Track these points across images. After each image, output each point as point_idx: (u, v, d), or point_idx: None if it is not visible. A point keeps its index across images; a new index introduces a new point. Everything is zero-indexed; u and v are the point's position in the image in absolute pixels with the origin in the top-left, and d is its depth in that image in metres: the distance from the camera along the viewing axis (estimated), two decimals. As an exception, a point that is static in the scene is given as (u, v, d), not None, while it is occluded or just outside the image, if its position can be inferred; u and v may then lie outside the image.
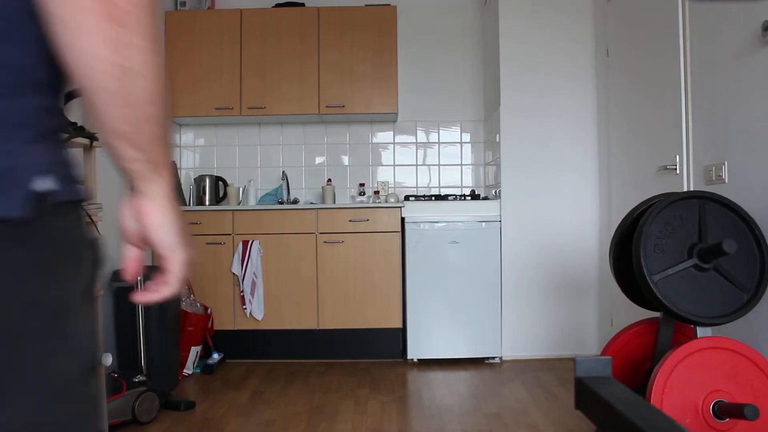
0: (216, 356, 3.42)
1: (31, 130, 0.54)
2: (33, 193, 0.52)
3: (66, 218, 0.58)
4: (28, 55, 0.55)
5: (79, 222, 0.61)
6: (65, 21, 0.52)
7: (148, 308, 2.86)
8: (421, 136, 4.23)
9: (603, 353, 2.24)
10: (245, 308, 3.52)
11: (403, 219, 3.51)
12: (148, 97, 0.61)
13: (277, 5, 3.99)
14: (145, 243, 0.67)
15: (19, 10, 0.54)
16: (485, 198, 3.74)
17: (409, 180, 4.23)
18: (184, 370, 3.26)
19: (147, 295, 0.69)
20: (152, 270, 3.02)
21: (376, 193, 4.08)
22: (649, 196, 2.19)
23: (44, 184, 0.53)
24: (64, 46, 0.53)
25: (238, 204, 3.89)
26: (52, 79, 0.58)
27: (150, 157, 0.61)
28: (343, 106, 3.86)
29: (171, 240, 0.65)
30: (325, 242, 3.56)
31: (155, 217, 0.64)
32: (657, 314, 2.11)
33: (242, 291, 3.52)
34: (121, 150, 0.60)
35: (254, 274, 3.51)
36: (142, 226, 0.65)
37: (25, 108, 0.53)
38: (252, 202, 3.93)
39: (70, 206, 0.59)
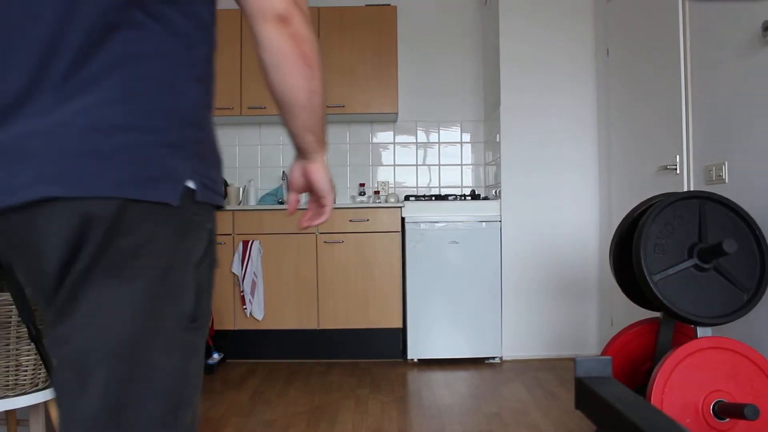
0: (216, 356, 3.42)
1: (187, 150, 0.81)
2: (185, 188, 0.79)
3: (200, 211, 0.84)
4: (208, 94, 0.87)
5: (209, 217, 0.87)
6: (277, 66, 0.86)
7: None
8: (421, 136, 4.23)
9: (603, 353, 2.24)
10: (245, 308, 3.52)
11: (403, 219, 3.51)
12: (322, 105, 0.95)
13: (277, 5, 3.99)
14: (307, 190, 1.07)
15: (208, 56, 0.85)
16: (485, 198, 3.74)
17: (409, 180, 4.23)
18: (185, 370, 3.26)
19: (311, 221, 1.10)
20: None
21: (377, 193, 4.08)
22: (649, 196, 2.19)
23: (190, 184, 0.80)
24: (275, 81, 0.88)
25: (239, 204, 3.89)
26: (206, 118, 0.86)
27: (319, 138, 1.01)
28: (344, 106, 3.86)
29: (327, 187, 1.05)
30: (325, 242, 3.56)
31: (319, 174, 1.04)
32: (657, 314, 2.11)
33: (242, 291, 3.52)
34: (306, 137, 0.98)
35: (254, 274, 3.51)
36: (309, 180, 1.05)
37: (187, 137, 0.81)
38: (252, 202, 3.93)
39: (205, 205, 0.85)
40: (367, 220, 3.56)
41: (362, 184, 4.15)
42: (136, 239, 0.76)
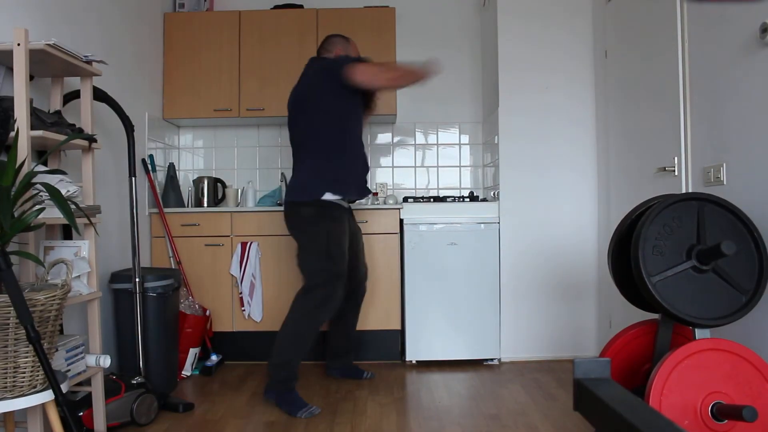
0: (214, 358, 3.42)
1: (320, 171, 2.76)
2: (319, 195, 2.72)
3: (329, 207, 2.76)
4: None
5: (339, 211, 2.81)
6: (371, 83, 2.74)
7: (147, 310, 2.86)
8: (420, 138, 4.23)
9: (602, 355, 2.24)
10: (244, 310, 3.52)
11: (401, 220, 3.51)
12: (396, 82, 2.83)
13: (276, 7, 3.99)
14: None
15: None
16: (484, 199, 3.74)
17: (407, 181, 4.23)
18: (183, 372, 3.25)
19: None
20: (150, 271, 3.02)
21: (375, 194, 4.08)
22: (647, 198, 2.20)
23: (322, 194, 2.72)
24: (366, 83, 2.71)
25: (237, 205, 3.89)
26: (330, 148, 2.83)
27: (406, 82, 2.82)
28: (342, 108, 3.85)
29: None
30: (323, 244, 3.56)
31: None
32: (656, 316, 2.12)
33: (241, 292, 3.52)
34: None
35: (253, 275, 3.51)
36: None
37: (321, 165, 2.77)
38: (250, 204, 3.93)
39: (331, 203, 2.73)
40: (366, 221, 3.55)
41: (361, 186, 4.15)
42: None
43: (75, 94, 2.49)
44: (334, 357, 3.25)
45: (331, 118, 2.80)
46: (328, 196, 2.76)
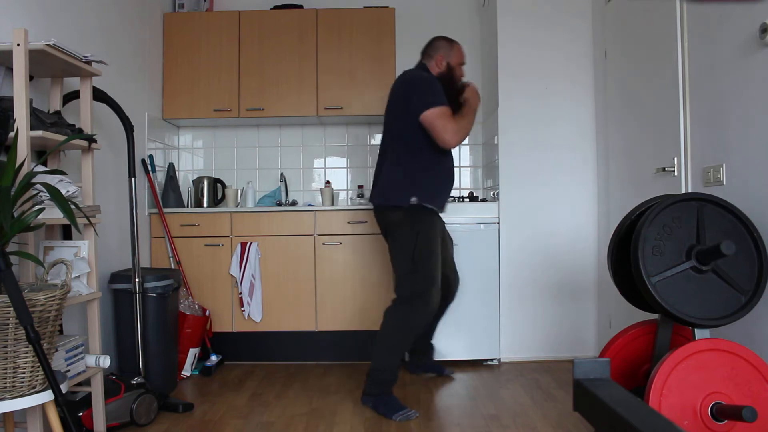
0: (214, 358, 3.42)
1: (411, 183, 2.76)
2: (408, 200, 2.72)
3: (419, 212, 2.74)
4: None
5: (428, 216, 2.78)
6: (443, 140, 2.70)
7: (147, 311, 2.86)
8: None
9: (601, 355, 2.24)
10: (243, 310, 3.52)
11: (401, 221, 3.51)
12: (464, 134, 2.75)
13: (276, 7, 3.99)
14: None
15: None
16: (484, 200, 3.74)
17: (407, 182, 4.22)
18: (183, 372, 3.25)
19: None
20: (149, 272, 3.02)
21: (375, 194, 4.08)
22: (647, 198, 2.20)
23: (411, 199, 2.72)
24: (439, 141, 2.71)
25: (237, 206, 3.88)
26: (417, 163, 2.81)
27: (470, 129, 2.82)
28: (342, 108, 3.86)
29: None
30: (323, 244, 3.56)
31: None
32: (655, 316, 2.12)
33: (240, 293, 3.52)
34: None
35: (252, 276, 3.51)
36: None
37: (413, 171, 2.79)
38: (250, 204, 3.93)
39: (421, 207, 2.73)
40: (366, 222, 3.56)
41: (360, 186, 4.15)
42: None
43: (75, 95, 2.49)
44: (420, 355, 3.30)
45: (421, 135, 2.75)
46: (420, 201, 2.73)
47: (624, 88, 3.17)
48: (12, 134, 1.90)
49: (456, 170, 4.19)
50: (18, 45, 1.90)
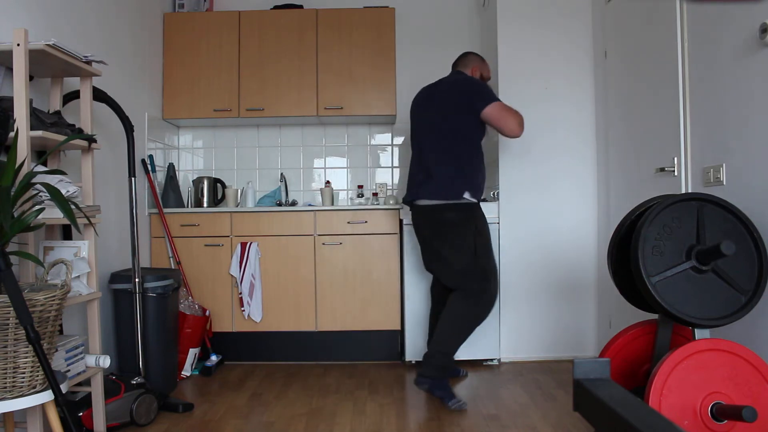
0: (214, 358, 3.42)
1: (462, 178, 2.85)
2: (461, 195, 2.81)
3: (472, 207, 2.87)
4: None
5: (480, 210, 2.92)
6: (511, 129, 2.86)
7: (147, 310, 2.86)
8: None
9: (601, 355, 2.24)
10: (243, 310, 3.52)
11: (401, 221, 3.51)
12: (521, 125, 2.87)
13: (276, 7, 3.99)
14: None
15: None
16: (484, 200, 3.73)
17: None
18: (183, 372, 3.25)
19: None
20: (149, 272, 3.02)
21: (375, 195, 4.08)
22: (647, 198, 2.20)
23: (464, 194, 2.81)
24: (502, 130, 2.88)
25: (237, 206, 3.88)
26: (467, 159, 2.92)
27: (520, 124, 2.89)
28: (342, 108, 3.86)
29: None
30: (323, 244, 3.56)
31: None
32: (655, 316, 2.12)
33: (240, 293, 3.52)
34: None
35: (252, 276, 3.51)
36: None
37: (465, 168, 2.87)
38: (250, 204, 3.93)
39: (472, 203, 2.85)
40: (366, 222, 3.56)
41: (360, 186, 4.15)
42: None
43: (75, 95, 2.49)
44: None
45: (469, 131, 2.89)
46: (469, 197, 2.84)
47: (624, 88, 3.17)
48: (12, 134, 1.90)
49: (456, 170, 4.22)
50: (18, 45, 1.90)
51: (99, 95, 2.65)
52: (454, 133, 2.88)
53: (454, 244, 2.85)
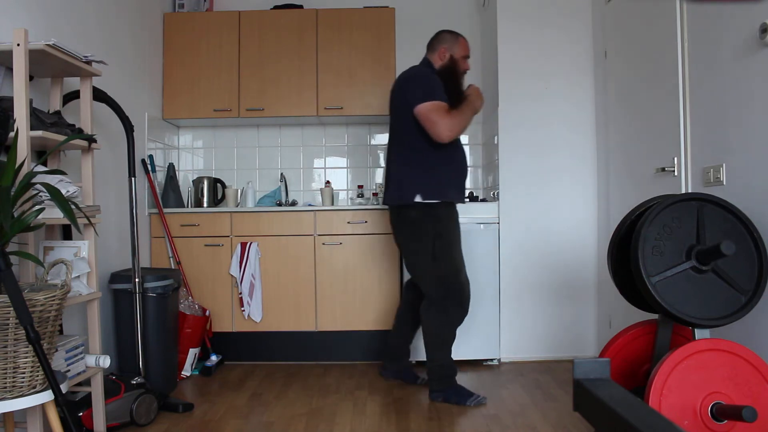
0: (214, 358, 3.42)
1: (412, 179, 2.76)
2: (412, 198, 2.72)
3: (431, 208, 2.74)
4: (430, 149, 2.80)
5: (444, 210, 2.77)
6: (435, 133, 2.68)
7: (147, 311, 2.86)
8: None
9: (601, 355, 2.24)
10: (243, 310, 3.52)
11: (401, 221, 3.50)
12: (459, 129, 2.71)
13: (276, 7, 3.99)
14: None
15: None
16: (483, 200, 3.74)
17: (407, 182, 4.22)
18: (183, 372, 3.25)
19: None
20: (149, 272, 3.02)
21: (375, 195, 4.08)
22: (647, 198, 2.20)
23: (415, 197, 2.72)
24: (428, 131, 2.70)
25: (237, 206, 3.88)
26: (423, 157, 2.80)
27: (467, 124, 2.77)
28: (342, 108, 3.86)
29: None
30: (323, 244, 3.56)
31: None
32: (655, 316, 2.12)
33: (240, 293, 3.52)
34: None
35: (252, 275, 3.51)
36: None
37: (420, 167, 2.77)
38: (250, 204, 3.93)
39: (431, 204, 2.72)
40: (366, 222, 3.56)
41: (360, 186, 4.15)
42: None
43: (75, 95, 2.49)
44: (392, 359, 3.19)
45: (419, 128, 2.76)
46: (422, 199, 2.74)
47: (624, 88, 3.17)
48: (12, 134, 1.90)
49: (456, 170, 4.22)
50: (18, 45, 1.90)
51: (99, 95, 2.65)
52: (406, 132, 2.81)
53: (410, 248, 2.85)
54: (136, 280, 2.83)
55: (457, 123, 2.70)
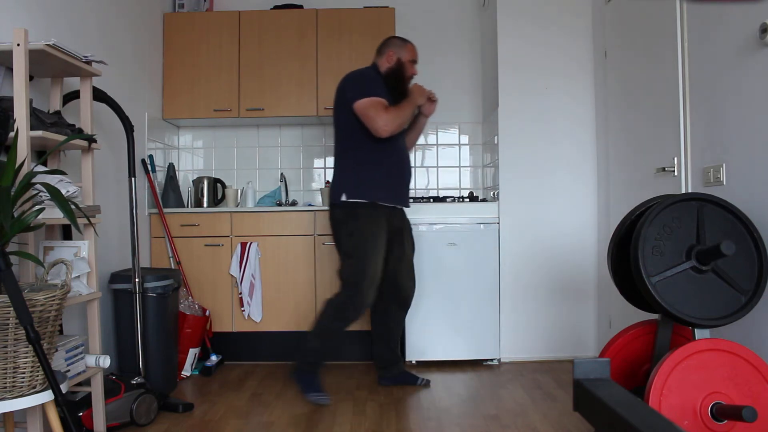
0: (214, 358, 3.42)
1: (341, 179, 2.87)
2: (339, 198, 2.82)
3: (352, 207, 2.81)
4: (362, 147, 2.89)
5: (367, 211, 2.81)
6: (373, 128, 2.75)
7: (147, 311, 2.86)
8: (420, 138, 4.22)
9: (601, 355, 2.24)
10: (243, 310, 3.52)
11: (401, 221, 3.50)
12: (397, 123, 2.79)
13: (276, 7, 3.99)
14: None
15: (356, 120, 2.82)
16: (483, 200, 3.74)
17: (407, 182, 4.22)
18: (183, 372, 3.25)
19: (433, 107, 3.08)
20: (149, 272, 3.01)
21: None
22: (647, 198, 2.20)
23: (341, 196, 2.81)
24: (371, 129, 2.76)
25: (237, 206, 3.88)
26: (355, 154, 2.88)
27: (405, 119, 2.86)
28: (342, 108, 3.85)
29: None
30: (323, 244, 3.56)
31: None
32: (655, 316, 2.12)
33: (240, 293, 3.52)
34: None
35: (252, 275, 3.51)
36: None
37: (348, 167, 2.88)
38: (250, 204, 3.93)
39: (354, 203, 2.80)
40: (366, 221, 3.55)
41: (360, 186, 4.14)
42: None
43: (75, 95, 2.49)
44: (384, 367, 3.16)
45: (352, 127, 2.86)
46: (347, 198, 2.82)
47: (624, 88, 3.17)
48: (12, 134, 1.90)
49: (456, 170, 4.22)
50: (18, 45, 1.90)
51: (99, 95, 2.65)
52: (341, 131, 2.92)
53: (337, 246, 2.95)
54: (136, 280, 2.83)
55: (393, 118, 2.78)
